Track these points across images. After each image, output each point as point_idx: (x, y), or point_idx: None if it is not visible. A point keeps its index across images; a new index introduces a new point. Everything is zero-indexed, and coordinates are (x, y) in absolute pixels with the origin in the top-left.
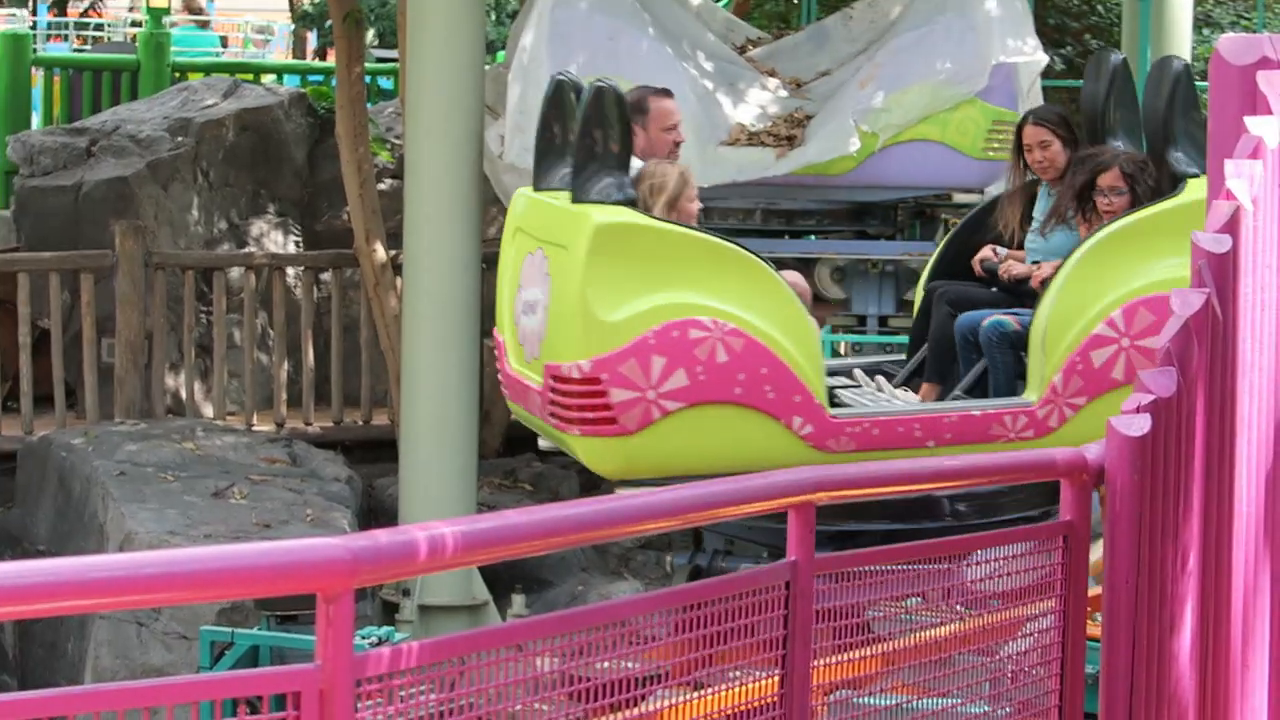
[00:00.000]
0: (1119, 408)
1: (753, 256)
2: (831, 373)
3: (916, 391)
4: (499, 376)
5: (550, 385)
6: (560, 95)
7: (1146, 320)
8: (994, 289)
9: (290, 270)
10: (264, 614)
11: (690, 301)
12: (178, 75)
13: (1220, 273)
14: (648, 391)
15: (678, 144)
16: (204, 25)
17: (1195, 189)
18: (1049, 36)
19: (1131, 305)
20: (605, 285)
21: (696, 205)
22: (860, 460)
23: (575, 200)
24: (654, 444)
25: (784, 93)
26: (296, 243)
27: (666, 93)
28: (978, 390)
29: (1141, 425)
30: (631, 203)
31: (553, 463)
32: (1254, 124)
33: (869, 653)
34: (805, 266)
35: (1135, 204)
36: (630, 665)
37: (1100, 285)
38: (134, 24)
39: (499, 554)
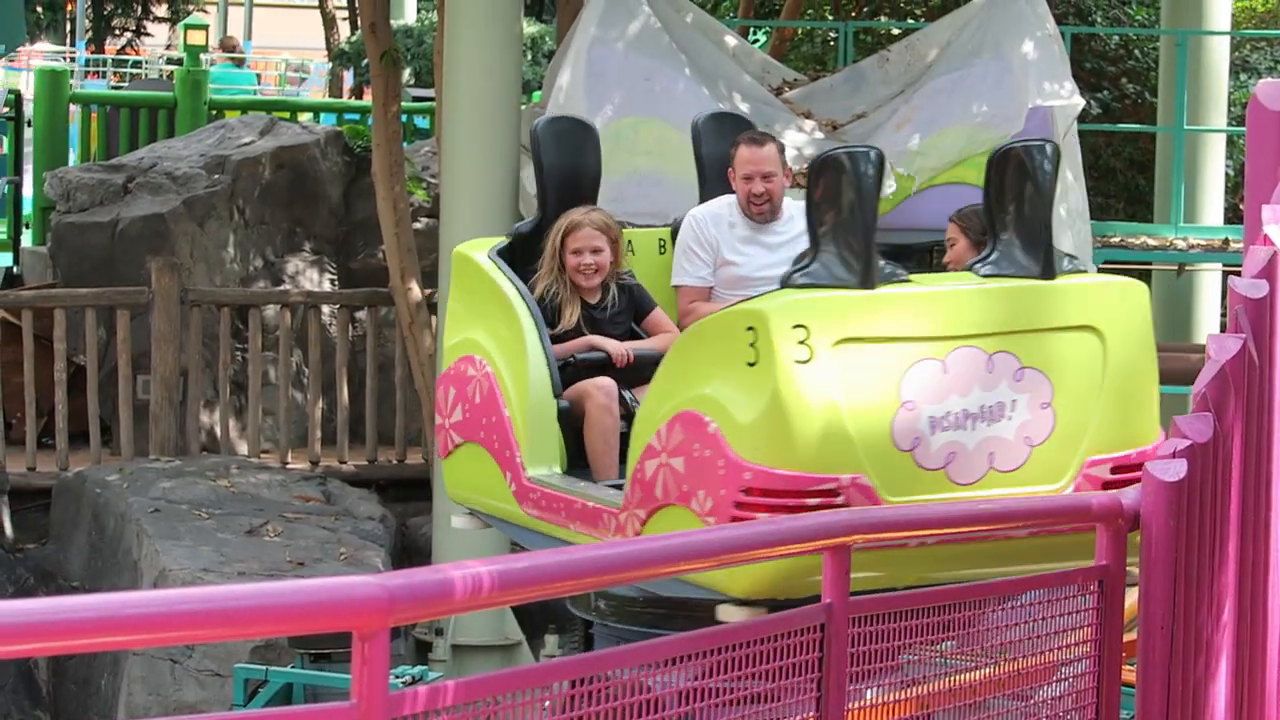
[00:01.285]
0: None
1: (516, 304)
2: None
3: None
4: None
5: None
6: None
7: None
8: None
9: (325, 308)
10: (298, 652)
11: (475, 340)
12: (214, 113)
13: (1257, 317)
14: (444, 420)
15: (758, 196)
16: (240, 63)
17: None
18: (1085, 80)
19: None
20: (448, 313)
21: (583, 259)
22: (546, 527)
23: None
24: (453, 472)
25: (820, 134)
26: (332, 281)
27: (761, 138)
28: None
29: (1178, 470)
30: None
31: None
32: None
33: (903, 696)
34: None
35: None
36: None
37: (675, 385)
38: (171, 61)
39: (533, 594)
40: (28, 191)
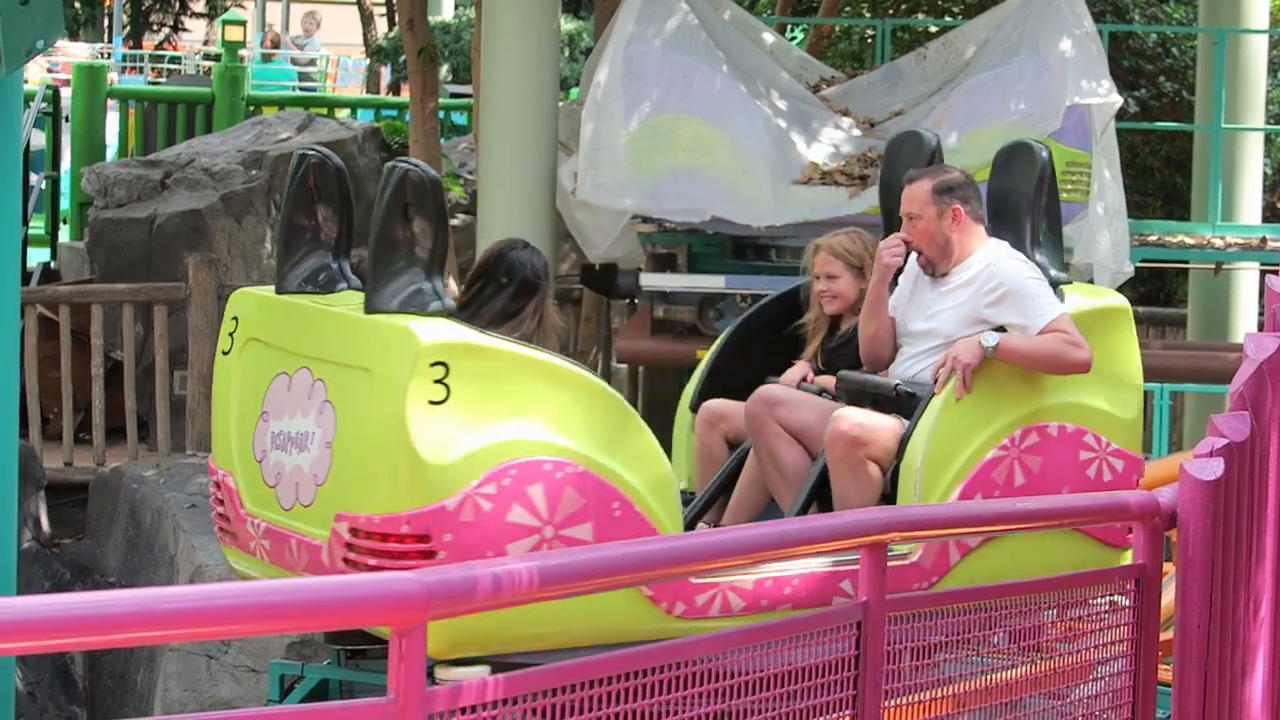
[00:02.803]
0: None
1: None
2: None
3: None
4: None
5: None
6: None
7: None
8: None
9: None
10: (333, 648)
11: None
12: (252, 109)
13: None
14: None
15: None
16: (269, 58)
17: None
18: (1123, 79)
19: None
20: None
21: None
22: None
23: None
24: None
25: (857, 132)
26: None
27: (914, 174)
28: None
29: (1215, 469)
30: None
31: None
32: None
33: (940, 694)
34: None
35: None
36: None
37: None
38: (208, 57)
39: (571, 590)
40: (65, 187)
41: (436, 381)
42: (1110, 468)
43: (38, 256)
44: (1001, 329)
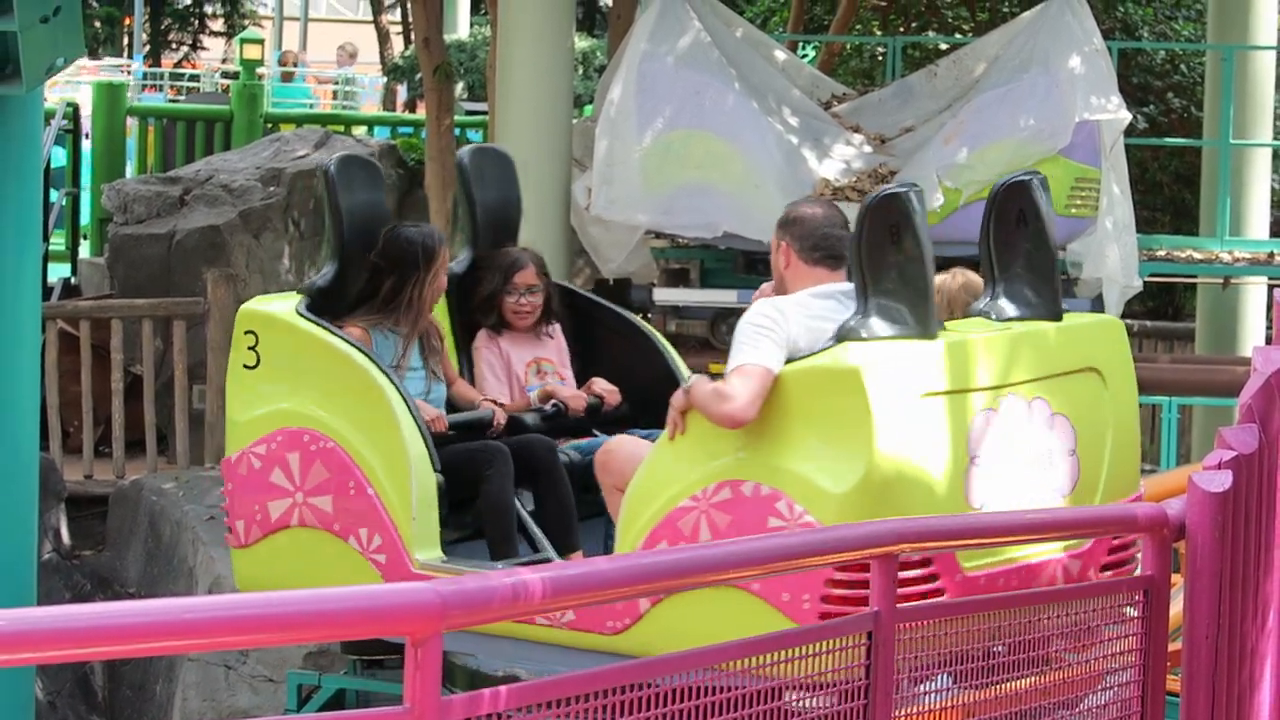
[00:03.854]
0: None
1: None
2: None
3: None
4: None
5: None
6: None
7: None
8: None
9: None
10: (350, 658)
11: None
12: (269, 126)
13: None
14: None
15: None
16: (289, 78)
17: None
18: (1132, 95)
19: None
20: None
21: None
22: None
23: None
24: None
25: (868, 148)
26: None
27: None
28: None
29: (1223, 481)
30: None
31: None
32: None
33: (951, 703)
34: None
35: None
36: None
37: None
38: (227, 75)
39: (584, 600)
40: (85, 203)
41: (249, 349)
42: None
43: (58, 272)
44: None
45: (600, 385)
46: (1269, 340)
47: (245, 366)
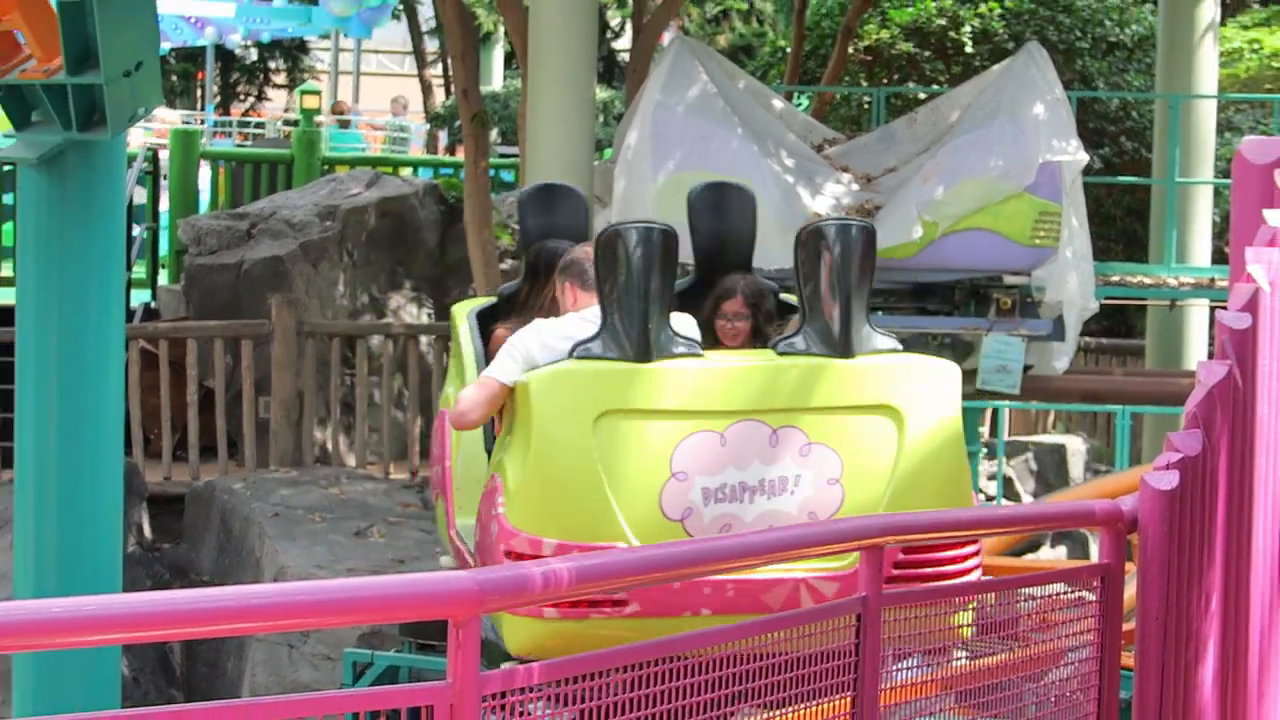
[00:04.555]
0: None
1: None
2: None
3: None
4: None
5: None
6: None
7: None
8: None
9: (423, 339)
10: (405, 639)
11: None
12: (326, 168)
13: (1241, 346)
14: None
15: None
16: (346, 125)
17: None
18: (1089, 138)
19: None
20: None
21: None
22: None
23: None
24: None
25: (855, 186)
26: (429, 314)
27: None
28: None
29: (1171, 480)
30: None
31: None
32: (1271, 216)
33: (930, 677)
34: None
35: (756, 331)
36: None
37: None
38: (288, 123)
39: (608, 586)
40: (163, 237)
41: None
42: (499, 521)
43: (140, 297)
44: None
45: None
46: (1211, 355)
47: (449, 354)
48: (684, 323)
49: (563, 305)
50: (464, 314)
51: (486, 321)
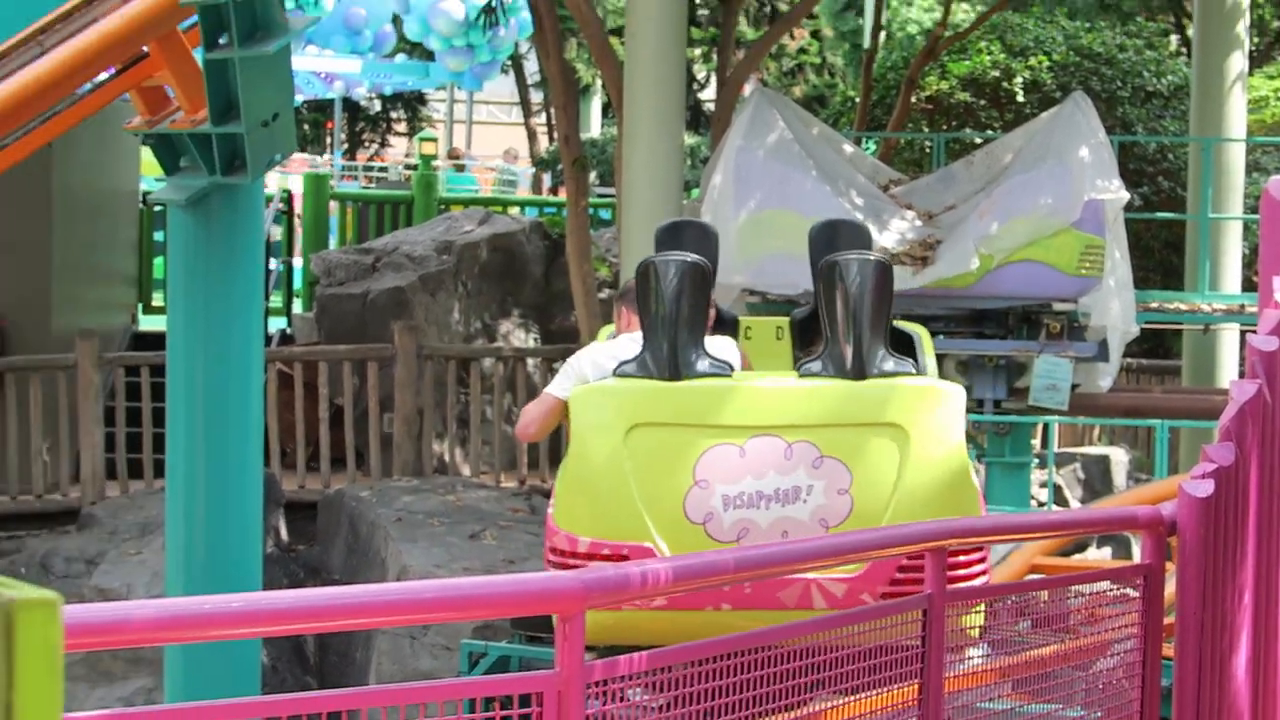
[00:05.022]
0: None
1: None
2: None
3: None
4: None
5: None
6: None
7: None
8: None
9: (530, 361)
10: (516, 632)
11: None
12: (443, 207)
13: (1270, 367)
14: None
15: None
16: (461, 169)
17: None
18: (1129, 178)
19: None
20: None
21: None
22: None
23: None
24: None
25: (918, 223)
26: (535, 339)
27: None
28: None
29: (1207, 488)
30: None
31: None
32: None
33: (989, 666)
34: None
35: None
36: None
37: None
38: (408, 167)
39: (703, 584)
40: (297, 270)
41: None
42: (548, 521)
43: (276, 324)
44: None
45: None
46: (1242, 375)
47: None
48: (721, 345)
49: (618, 327)
50: (604, 338)
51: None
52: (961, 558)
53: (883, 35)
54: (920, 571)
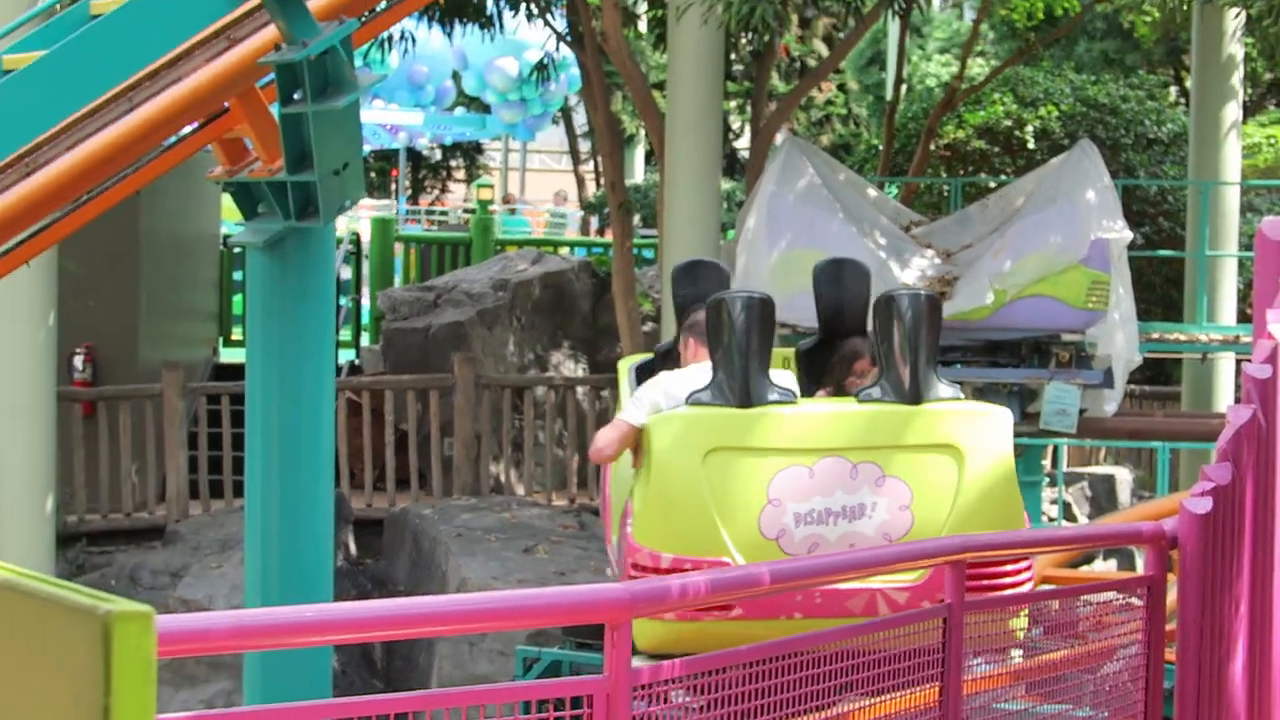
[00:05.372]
0: None
1: None
2: None
3: None
4: None
5: None
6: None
7: None
8: None
9: (579, 389)
10: (566, 638)
11: None
12: (499, 248)
13: (1264, 393)
14: None
15: None
16: (514, 212)
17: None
18: (1132, 219)
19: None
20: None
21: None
22: None
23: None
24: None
25: (938, 261)
26: (584, 369)
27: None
28: None
29: (1205, 505)
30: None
31: None
32: None
33: (1003, 670)
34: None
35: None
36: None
37: None
38: (467, 211)
39: (738, 596)
40: (365, 306)
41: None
42: (628, 539)
43: (345, 356)
44: None
45: None
46: (1238, 401)
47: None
48: (782, 376)
49: (684, 358)
50: (627, 367)
51: (644, 374)
52: (1009, 567)
53: (904, 88)
54: (977, 579)
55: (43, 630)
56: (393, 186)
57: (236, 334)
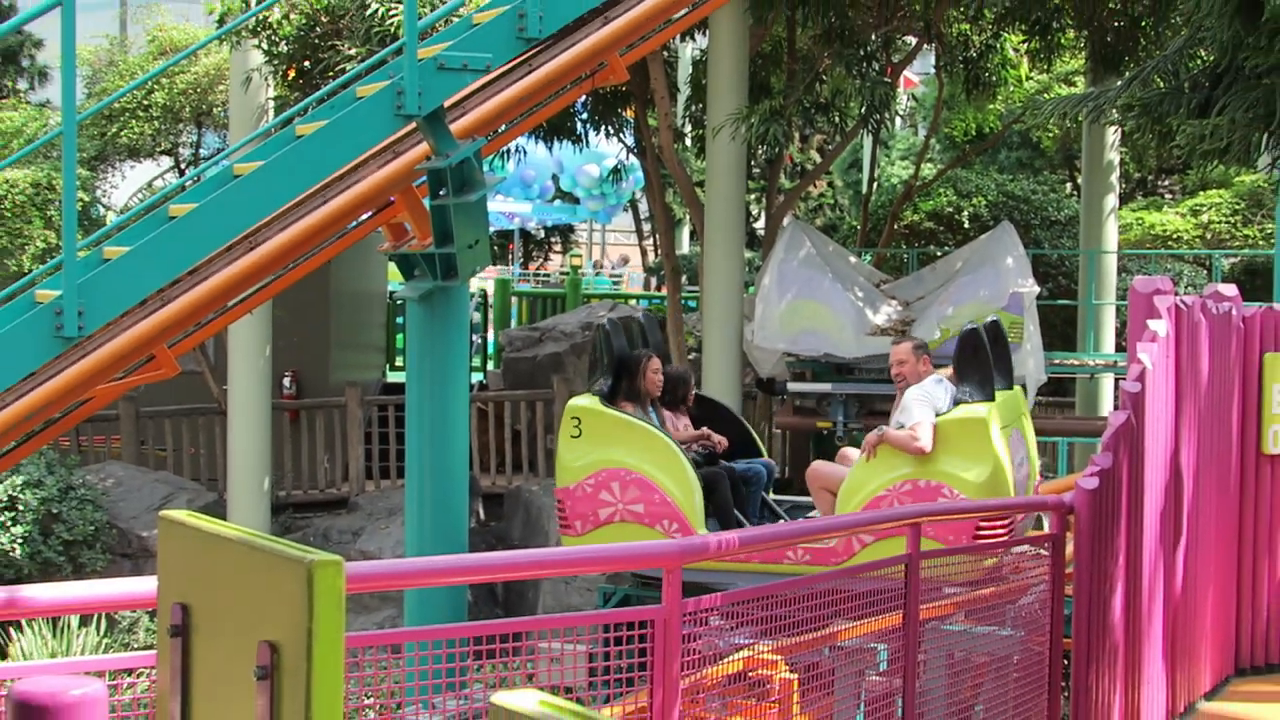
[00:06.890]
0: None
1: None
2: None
3: None
4: None
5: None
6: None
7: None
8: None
9: None
10: (634, 578)
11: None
12: (585, 300)
13: (1136, 403)
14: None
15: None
16: (597, 273)
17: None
18: (1040, 278)
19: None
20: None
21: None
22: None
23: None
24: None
25: (899, 308)
26: None
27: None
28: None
29: (1094, 483)
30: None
31: None
32: (1153, 325)
33: (948, 601)
34: None
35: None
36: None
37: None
38: (563, 273)
39: (764, 547)
40: (490, 342)
41: (575, 425)
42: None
43: (476, 378)
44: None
45: (715, 435)
46: (1116, 408)
47: (572, 436)
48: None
49: (916, 371)
50: (595, 404)
51: (591, 412)
52: (998, 523)
53: (875, 185)
54: (992, 533)
55: (266, 572)
56: (510, 257)
57: (399, 362)
